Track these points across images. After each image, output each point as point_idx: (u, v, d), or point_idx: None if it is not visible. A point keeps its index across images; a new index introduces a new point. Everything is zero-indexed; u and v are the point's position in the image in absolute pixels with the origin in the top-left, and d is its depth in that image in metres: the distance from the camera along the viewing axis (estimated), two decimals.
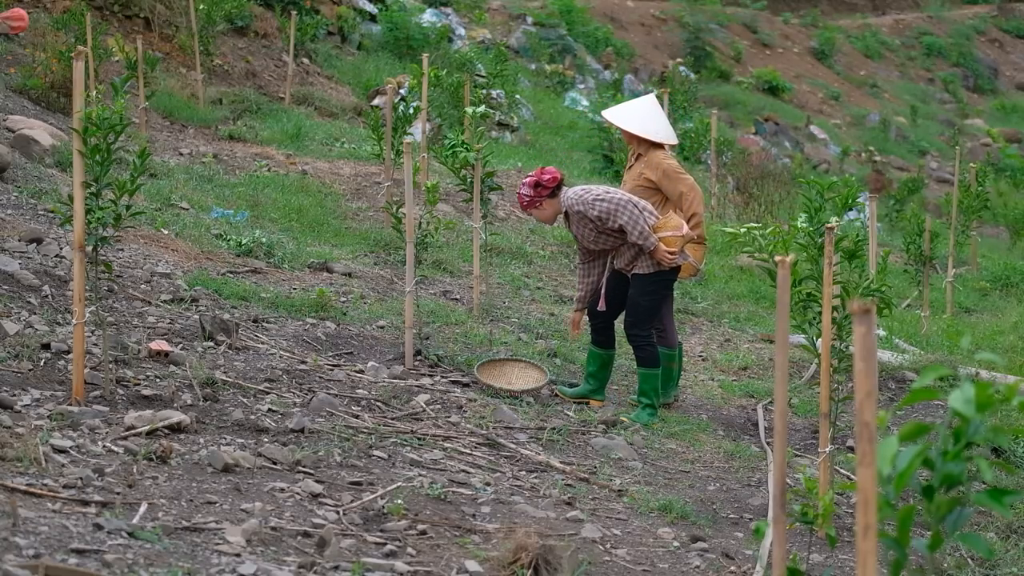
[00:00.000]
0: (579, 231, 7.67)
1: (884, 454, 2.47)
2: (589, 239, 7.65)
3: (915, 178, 25.21)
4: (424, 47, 21.70)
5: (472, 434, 6.79)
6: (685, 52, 34.81)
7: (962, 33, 45.66)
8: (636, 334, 7.70)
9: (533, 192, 7.65)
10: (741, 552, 5.80)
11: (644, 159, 8.06)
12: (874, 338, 2.46)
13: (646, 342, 7.73)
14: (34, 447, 5.13)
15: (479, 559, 4.95)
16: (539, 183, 7.63)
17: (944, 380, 8.39)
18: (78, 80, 5.91)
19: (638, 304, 7.67)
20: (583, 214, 7.53)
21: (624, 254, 7.66)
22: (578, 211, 7.55)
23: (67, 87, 12.59)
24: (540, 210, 7.69)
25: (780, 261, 3.52)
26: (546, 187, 7.62)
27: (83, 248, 6.03)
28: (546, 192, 7.63)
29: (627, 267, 7.70)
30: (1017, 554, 6.08)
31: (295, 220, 11.71)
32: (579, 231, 7.67)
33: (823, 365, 5.93)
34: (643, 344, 7.71)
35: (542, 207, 7.67)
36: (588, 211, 7.49)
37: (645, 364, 7.71)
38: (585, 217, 7.54)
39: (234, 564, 4.40)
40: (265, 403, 6.62)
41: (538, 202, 7.67)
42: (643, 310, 7.67)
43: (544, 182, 7.61)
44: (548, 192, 7.63)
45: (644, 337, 7.72)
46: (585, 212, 7.51)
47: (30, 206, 9.77)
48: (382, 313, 9.14)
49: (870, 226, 9.97)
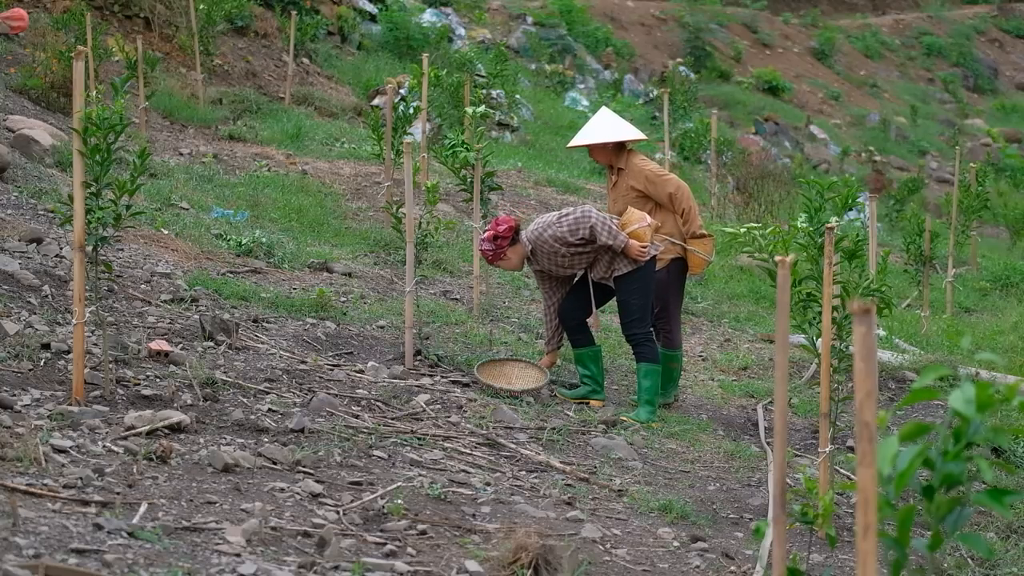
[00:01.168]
0: (550, 263, 7.73)
1: (884, 454, 2.47)
2: (563, 264, 7.71)
3: (915, 178, 25.21)
4: (424, 47, 21.70)
5: (472, 434, 6.79)
6: (685, 52, 34.81)
7: (962, 33, 45.65)
8: (635, 333, 7.74)
9: (494, 246, 7.69)
10: (741, 552, 5.80)
11: (624, 172, 8.08)
12: (874, 338, 2.46)
13: (646, 339, 7.76)
14: (34, 447, 5.13)
15: (479, 559, 4.95)
16: (497, 236, 7.67)
17: (944, 380, 8.39)
18: (78, 80, 5.91)
19: (630, 304, 7.71)
20: (552, 239, 7.58)
21: (600, 264, 7.71)
22: (547, 239, 7.60)
23: (67, 87, 12.59)
24: (506, 260, 7.73)
25: (780, 261, 3.52)
26: (504, 237, 7.66)
27: (83, 248, 6.03)
28: (506, 242, 7.67)
29: (607, 275, 7.74)
30: (1017, 554, 6.08)
31: (295, 220, 11.71)
32: (550, 263, 7.73)
33: (823, 365, 5.92)
34: (643, 341, 7.75)
35: (507, 257, 7.71)
36: (556, 231, 7.56)
37: (646, 359, 7.73)
38: (555, 243, 7.59)
39: (234, 564, 4.40)
40: (265, 403, 6.62)
41: (502, 253, 7.69)
42: (636, 308, 7.71)
43: (501, 233, 7.65)
44: (508, 241, 7.67)
45: (644, 334, 7.75)
46: (554, 235, 7.57)
47: (30, 206, 9.77)
48: (382, 313, 9.14)
49: (870, 226, 9.97)
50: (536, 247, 7.70)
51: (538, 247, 7.69)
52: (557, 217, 7.65)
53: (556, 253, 7.67)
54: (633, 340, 7.77)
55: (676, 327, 8.22)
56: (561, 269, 7.78)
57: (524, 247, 7.72)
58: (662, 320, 8.16)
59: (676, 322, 8.23)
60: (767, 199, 17.27)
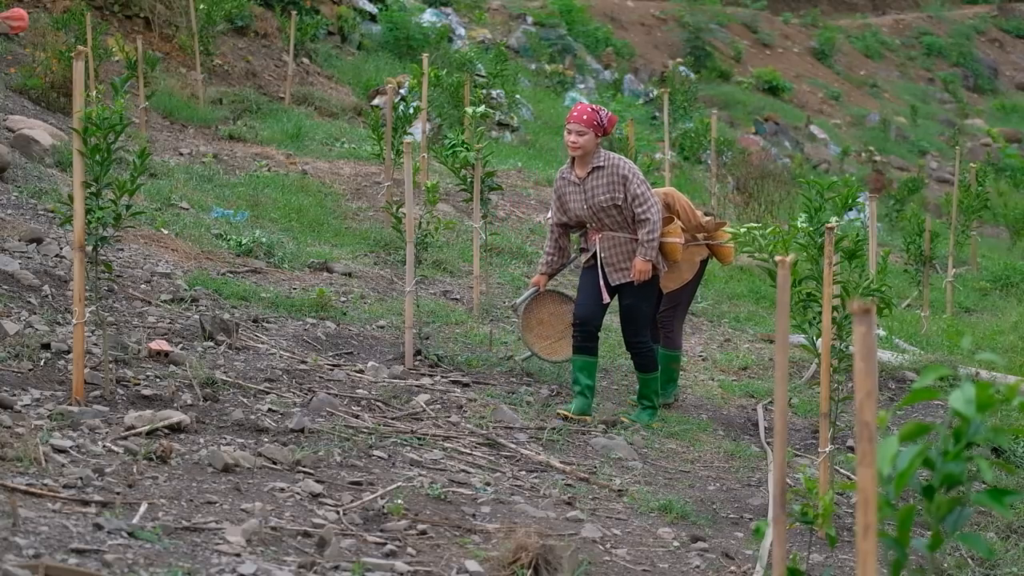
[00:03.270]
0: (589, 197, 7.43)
1: (884, 454, 2.47)
2: (600, 201, 7.41)
3: (915, 178, 25.21)
4: (424, 47, 21.69)
5: (472, 434, 6.80)
6: (685, 52, 34.80)
7: (962, 33, 45.65)
8: (640, 342, 7.64)
9: (598, 117, 7.43)
10: (741, 552, 5.80)
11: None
12: (874, 338, 2.46)
13: (648, 348, 7.68)
14: (34, 447, 5.13)
15: (479, 559, 4.95)
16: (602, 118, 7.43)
17: (944, 380, 8.39)
18: (78, 80, 5.91)
19: (640, 311, 7.57)
20: (627, 170, 7.39)
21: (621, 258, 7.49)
22: (621, 166, 7.41)
23: (67, 87, 12.59)
24: (585, 136, 7.39)
25: (780, 261, 3.52)
26: (607, 125, 7.44)
27: (83, 248, 6.03)
28: (601, 129, 7.42)
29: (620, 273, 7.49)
30: (1017, 554, 6.08)
31: (295, 220, 11.71)
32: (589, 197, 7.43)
33: (823, 365, 5.93)
34: (645, 351, 7.67)
35: (590, 134, 7.39)
36: (635, 170, 7.42)
37: (646, 369, 7.68)
38: (623, 173, 7.38)
39: (234, 564, 4.40)
40: (265, 403, 6.62)
41: (595, 123, 7.40)
42: (644, 316, 7.60)
43: (605, 120, 7.44)
44: (603, 130, 7.43)
45: (645, 343, 7.67)
46: (631, 170, 7.41)
47: (30, 206, 9.77)
48: (382, 313, 9.14)
49: (870, 226, 9.97)
50: (606, 166, 7.42)
51: (607, 167, 7.42)
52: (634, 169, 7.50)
53: (609, 185, 7.41)
54: (636, 349, 7.67)
55: (679, 328, 8.23)
56: (596, 203, 7.44)
57: (597, 153, 7.46)
58: (667, 320, 8.17)
59: (680, 323, 8.25)
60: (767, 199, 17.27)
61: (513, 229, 13.15)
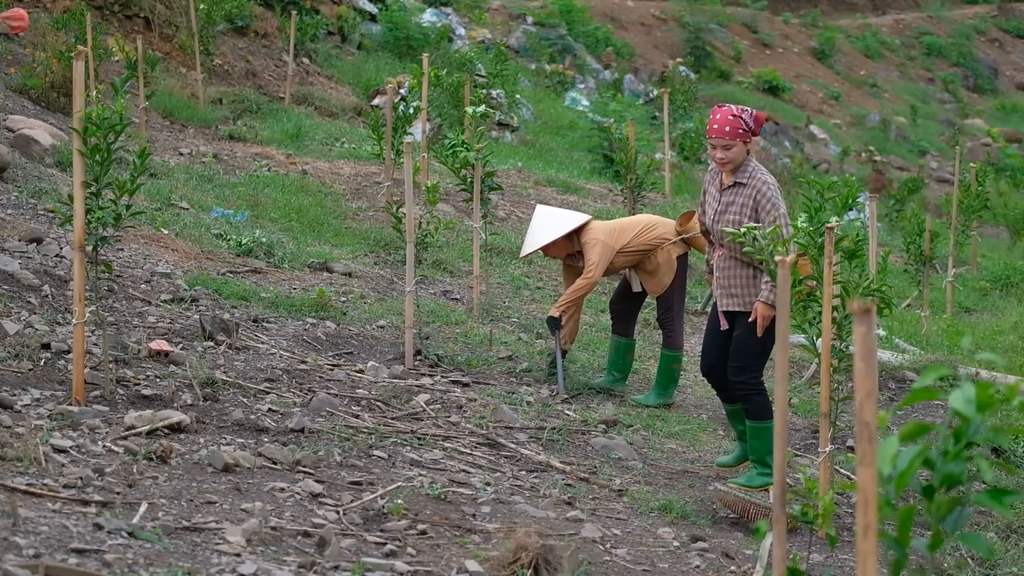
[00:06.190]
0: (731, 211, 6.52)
1: (884, 454, 2.47)
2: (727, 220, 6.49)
3: (915, 178, 25.21)
4: (424, 47, 21.69)
5: (472, 434, 6.80)
6: (685, 52, 34.79)
7: (962, 33, 45.63)
8: (745, 381, 6.56)
9: (743, 123, 6.48)
10: (741, 552, 5.80)
11: (580, 254, 8.10)
12: (874, 338, 2.46)
13: (752, 390, 6.58)
14: (34, 447, 5.13)
15: (479, 559, 4.95)
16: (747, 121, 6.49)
17: (944, 380, 8.39)
18: (78, 80, 5.91)
19: (747, 345, 6.53)
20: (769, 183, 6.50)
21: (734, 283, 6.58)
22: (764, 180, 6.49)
23: (67, 87, 12.59)
24: (733, 148, 6.44)
25: (780, 261, 3.52)
26: (754, 129, 6.50)
27: (83, 248, 6.03)
28: (748, 135, 6.47)
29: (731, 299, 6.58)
30: (1017, 554, 6.08)
31: (295, 220, 11.71)
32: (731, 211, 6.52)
33: (823, 365, 5.93)
34: (750, 392, 6.59)
35: (737, 145, 6.44)
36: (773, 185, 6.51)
37: (756, 417, 6.57)
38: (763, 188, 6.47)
39: (234, 564, 4.40)
40: (265, 403, 6.62)
41: (742, 133, 6.46)
42: (752, 353, 6.56)
43: (751, 123, 6.52)
44: (751, 133, 6.48)
45: (755, 385, 6.59)
46: (770, 182, 6.50)
47: (30, 206, 9.77)
48: (382, 313, 9.14)
49: (870, 226, 9.98)
50: (748, 185, 6.49)
51: (748, 187, 6.48)
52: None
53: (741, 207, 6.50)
54: (742, 389, 6.62)
55: (679, 328, 8.23)
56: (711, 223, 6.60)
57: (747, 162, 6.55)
58: (666, 320, 8.18)
59: (679, 322, 8.25)
60: None
61: (513, 229, 13.15)
